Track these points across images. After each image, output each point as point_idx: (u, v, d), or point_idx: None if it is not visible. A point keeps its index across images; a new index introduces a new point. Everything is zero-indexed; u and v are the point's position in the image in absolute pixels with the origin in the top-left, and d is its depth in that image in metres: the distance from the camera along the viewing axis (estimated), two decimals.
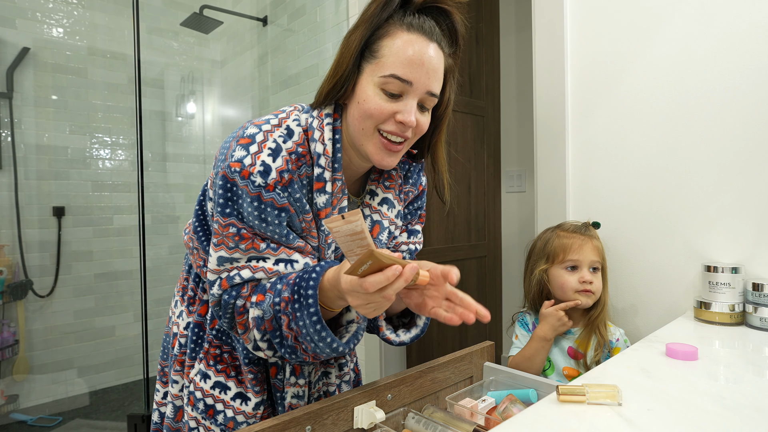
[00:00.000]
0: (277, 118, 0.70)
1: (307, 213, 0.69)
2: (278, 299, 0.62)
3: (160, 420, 0.88)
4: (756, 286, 0.91)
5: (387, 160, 0.70)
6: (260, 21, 2.61)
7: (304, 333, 0.60)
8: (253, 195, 0.64)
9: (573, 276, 1.05)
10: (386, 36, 0.66)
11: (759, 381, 0.64)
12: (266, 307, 0.63)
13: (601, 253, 1.07)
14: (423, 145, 0.81)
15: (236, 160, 0.64)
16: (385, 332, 0.78)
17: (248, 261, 0.67)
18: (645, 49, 1.13)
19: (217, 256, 0.67)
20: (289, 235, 0.68)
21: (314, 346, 0.61)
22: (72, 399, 2.35)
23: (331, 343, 0.62)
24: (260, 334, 0.65)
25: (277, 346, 0.64)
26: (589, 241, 1.06)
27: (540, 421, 0.53)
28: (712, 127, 1.03)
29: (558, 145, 1.30)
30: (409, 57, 0.64)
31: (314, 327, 0.60)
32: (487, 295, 2.33)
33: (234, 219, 0.65)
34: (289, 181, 0.66)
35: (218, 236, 0.67)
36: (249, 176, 0.63)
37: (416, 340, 0.81)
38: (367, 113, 0.67)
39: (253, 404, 0.75)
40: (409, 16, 0.67)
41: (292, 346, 0.63)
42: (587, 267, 1.04)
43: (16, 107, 2.21)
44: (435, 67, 0.67)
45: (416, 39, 0.65)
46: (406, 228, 0.89)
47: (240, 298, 0.66)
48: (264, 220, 0.65)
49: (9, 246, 2.19)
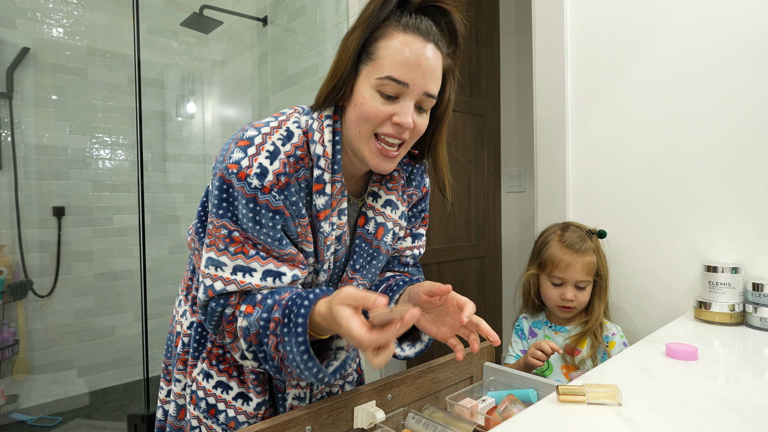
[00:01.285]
0: (276, 120, 0.69)
1: (303, 217, 0.69)
2: (267, 316, 0.61)
3: (164, 417, 0.88)
4: (756, 286, 0.91)
5: (383, 165, 0.70)
6: (260, 21, 2.61)
7: (290, 358, 0.59)
8: (249, 197, 0.63)
9: (556, 291, 1.06)
10: (383, 37, 0.66)
11: (759, 381, 0.64)
12: (253, 321, 0.63)
13: (594, 268, 1.06)
14: (424, 145, 0.81)
15: (234, 161, 0.64)
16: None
17: (234, 272, 0.65)
18: (645, 49, 1.13)
19: (206, 257, 0.67)
20: (282, 240, 0.67)
21: (299, 372, 0.60)
22: (72, 399, 2.35)
23: (317, 373, 0.60)
24: (246, 344, 0.65)
25: (262, 360, 0.64)
26: (580, 260, 1.04)
27: (540, 421, 0.53)
28: (712, 127, 1.03)
29: (558, 145, 1.30)
30: (405, 58, 0.64)
31: (301, 356, 0.58)
32: (487, 295, 2.33)
33: (227, 221, 0.65)
34: (285, 184, 0.66)
35: (211, 237, 0.67)
36: (245, 178, 0.63)
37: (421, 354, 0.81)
38: (364, 116, 0.67)
39: (255, 404, 0.75)
40: (406, 16, 0.66)
41: (278, 367, 0.62)
42: (572, 285, 1.05)
43: (16, 107, 2.21)
44: (432, 67, 0.66)
45: (412, 40, 0.65)
46: (410, 232, 0.89)
47: (229, 306, 0.66)
48: (258, 222, 0.65)
49: (9, 246, 2.19)
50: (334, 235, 0.73)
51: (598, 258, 1.07)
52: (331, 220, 0.72)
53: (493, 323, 2.37)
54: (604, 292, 1.07)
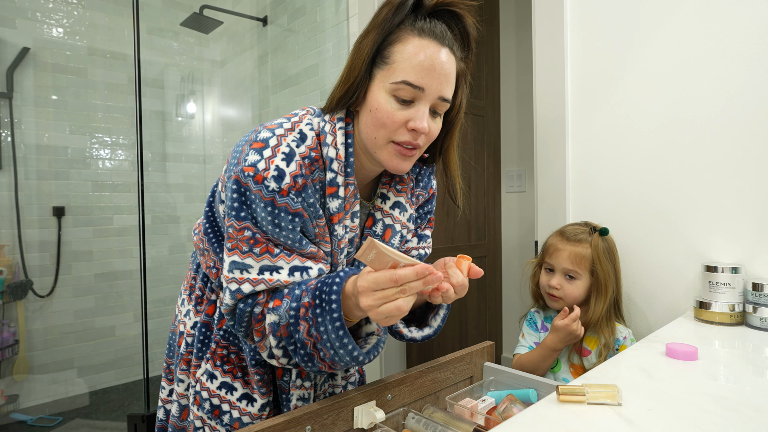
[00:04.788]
0: (289, 122, 0.69)
1: (320, 218, 0.69)
2: (296, 305, 0.61)
3: (166, 417, 0.88)
4: (756, 286, 0.91)
5: (401, 165, 0.69)
6: (260, 21, 2.61)
7: (325, 339, 0.59)
8: (267, 200, 0.63)
9: (546, 277, 1.09)
10: (397, 42, 0.65)
11: (759, 381, 0.64)
12: (282, 312, 0.62)
13: (588, 260, 1.03)
14: (435, 149, 0.80)
15: (250, 164, 0.63)
16: (398, 324, 0.78)
17: (261, 272, 0.65)
18: (645, 49, 1.13)
19: (229, 261, 0.66)
20: (302, 240, 0.67)
21: (333, 354, 0.60)
22: (72, 399, 2.35)
23: (352, 351, 0.60)
24: (276, 341, 0.64)
25: (292, 353, 0.63)
26: (569, 247, 1.04)
27: (540, 421, 0.53)
28: (712, 127, 1.03)
29: (558, 145, 1.30)
30: (420, 62, 0.64)
31: (336, 333, 0.58)
32: (487, 295, 2.33)
33: (249, 222, 0.64)
34: (303, 186, 0.65)
35: (232, 240, 0.65)
36: (263, 181, 0.62)
37: (427, 340, 0.81)
38: (379, 122, 0.66)
39: (259, 405, 0.75)
40: (420, 20, 0.66)
41: (310, 354, 0.61)
42: (560, 273, 1.06)
43: (16, 107, 2.21)
44: (447, 72, 0.66)
45: (428, 44, 0.65)
46: (416, 232, 0.89)
47: (257, 305, 0.65)
48: (278, 225, 0.64)
49: (9, 246, 2.19)
50: (347, 238, 0.73)
51: (595, 254, 1.03)
52: (344, 223, 0.71)
53: (493, 323, 2.37)
54: (602, 292, 1.03)
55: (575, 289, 1.05)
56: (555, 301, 1.07)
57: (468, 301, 2.21)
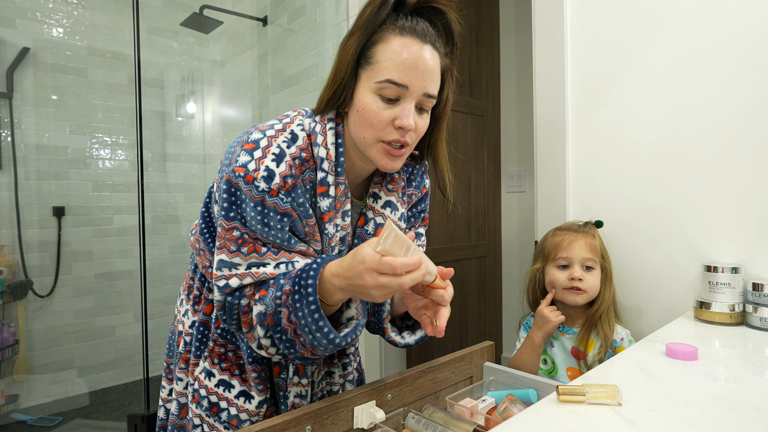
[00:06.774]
0: (281, 123, 0.70)
1: (310, 217, 0.70)
2: (280, 293, 0.63)
3: (166, 416, 0.89)
4: (756, 286, 0.91)
5: (391, 164, 0.70)
6: (260, 21, 2.61)
7: (303, 324, 0.61)
8: (257, 200, 0.64)
9: (563, 273, 1.04)
10: (380, 41, 0.66)
11: (759, 381, 0.64)
12: (268, 301, 0.64)
13: (598, 251, 1.06)
14: (423, 145, 0.81)
15: (240, 165, 0.64)
16: (390, 334, 0.79)
17: (248, 268, 0.67)
18: (645, 49, 1.13)
19: (218, 259, 0.67)
20: (291, 239, 0.68)
21: (312, 338, 0.61)
22: (72, 399, 2.35)
23: (328, 334, 0.61)
24: (263, 330, 0.65)
25: (277, 341, 0.65)
26: (582, 239, 1.04)
27: (540, 421, 0.53)
28: (713, 127, 1.03)
29: (558, 145, 1.30)
30: (403, 61, 0.65)
31: (312, 316, 0.60)
32: (487, 295, 2.33)
33: (237, 223, 0.66)
34: (292, 186, 0.66)
35: (221, 239, 0.67)
36: (253, 181, 0.64)
37: (421, 342, 0.81)
38: (367, 122, 0.67)
39: (257, 402, 0.76)
40: (402, 19, 0.67)
41: (291, 340, 0.63)
42: (578, 264, 1.03)
43: (16, 107, 2.21)
44: (430, 68, 0.67)
45: (410, 42, 0.65)
46: (409, 231, 0.89)
47: (244, 297, 0.67)
48: (266, 224, 0.65)
49: (9, 246, 2.19)
50: (338, 237, 0.74)
51: (601, 243, 1.08)
52: (335, 221, 0.72)
53: (493, 323, 2.37)
54: (610, 278, 1.06)
55: (595, 280, 1.03)
56: (578, 295, 1.02)
57: (468, 301, 2.21)
